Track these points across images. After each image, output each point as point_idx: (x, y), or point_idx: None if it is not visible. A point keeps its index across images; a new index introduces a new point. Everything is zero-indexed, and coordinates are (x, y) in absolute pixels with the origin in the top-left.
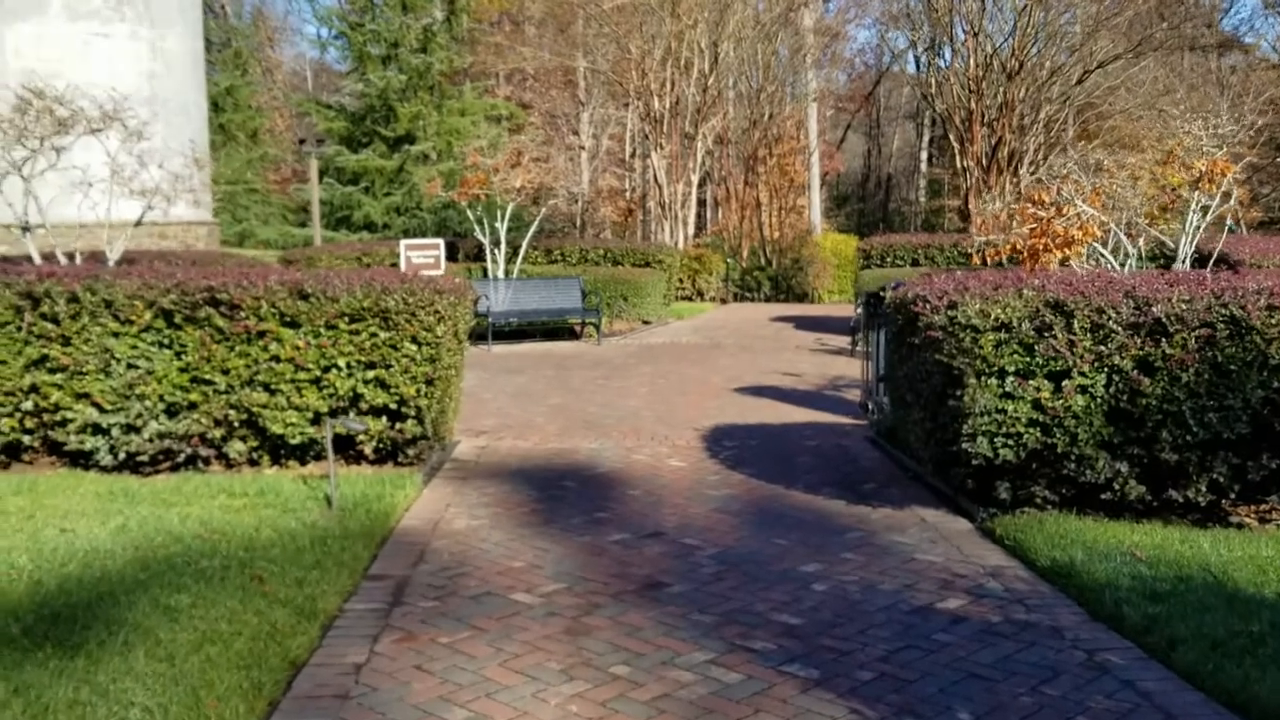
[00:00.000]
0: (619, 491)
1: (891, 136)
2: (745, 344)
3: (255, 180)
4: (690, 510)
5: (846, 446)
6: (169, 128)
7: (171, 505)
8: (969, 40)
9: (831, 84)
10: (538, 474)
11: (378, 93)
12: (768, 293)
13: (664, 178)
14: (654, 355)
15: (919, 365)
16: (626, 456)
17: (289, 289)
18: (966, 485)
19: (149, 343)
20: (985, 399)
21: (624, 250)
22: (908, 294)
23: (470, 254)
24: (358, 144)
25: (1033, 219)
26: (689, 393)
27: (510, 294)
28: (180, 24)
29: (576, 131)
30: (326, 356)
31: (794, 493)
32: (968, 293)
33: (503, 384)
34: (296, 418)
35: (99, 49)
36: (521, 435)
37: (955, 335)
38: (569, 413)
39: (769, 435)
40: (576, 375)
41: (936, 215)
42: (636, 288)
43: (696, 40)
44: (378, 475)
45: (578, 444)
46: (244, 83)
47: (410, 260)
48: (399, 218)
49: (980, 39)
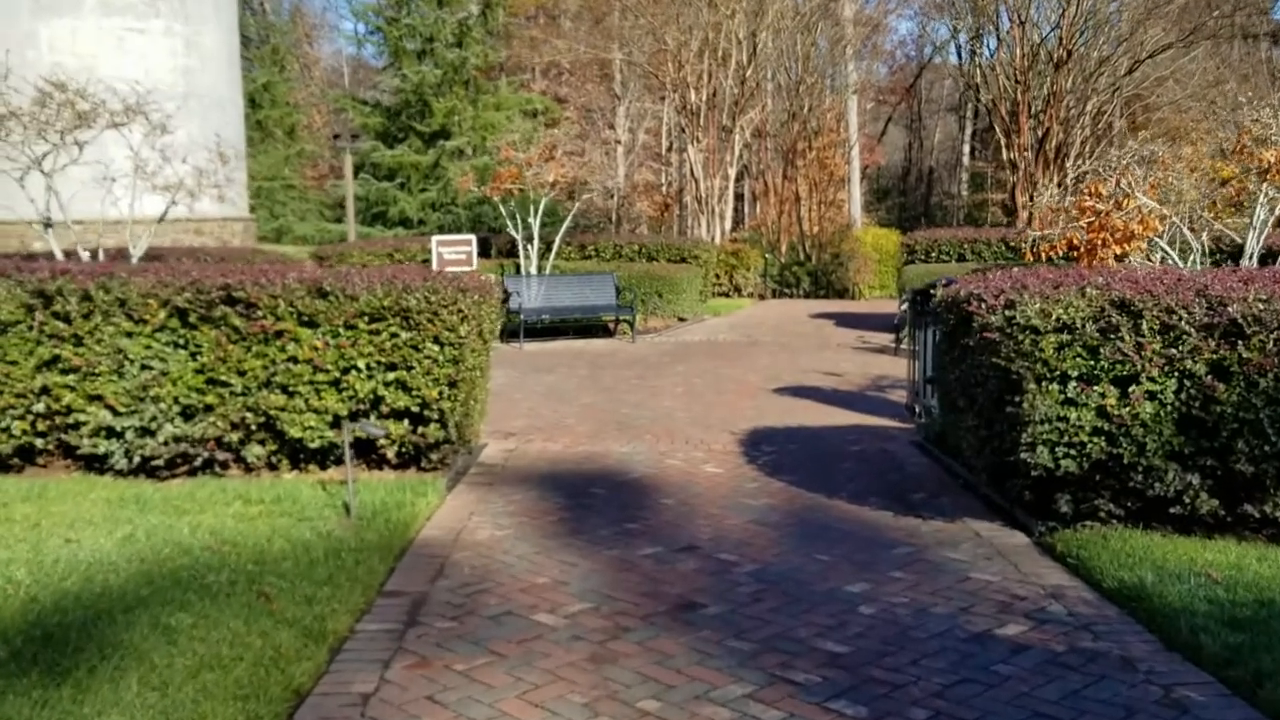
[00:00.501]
0: (651, 500)
1: (933, 129)
2: (784, 342)
3: (292, 176)
4: (726, 521)
5: (892, 451)
6: (204, 123)
7: (184, 513)
8: (1014, 30)
9: (872, 76)
10: (566, 479)
11: (413, 88)
12: (807, 289)
13: (700, 172)
14: (689, 353)
15: (973, 368)
16: (660, 461)
17: (307, 287)
18: (1024, 497)
19: (163, 343)
20: (1046, 406)
21: (659, 246)
22: (960, 292)
23: (503, 250)
24: (393, 139)
25: (1090, 213)
26: (726, 393)
27: (543, 290)
28: (215, 19)
29: (612, 125)
30: (346, 357)
31: (837, 502)
32: (1026, 291)
33: (534, 383)
34: (315, 421)
35: (133, 44)
36: (551, 437)
37: (1013, 337)
38: (601, 413)
39: (810, 439)
40: (609, 374)
41: (979, 209)
42: (672, 284)
43: (734, 31)
44: (399, 481)
45: (609, 447)
46: (281, 79)
47: (442, 256)
48: (434, 213)
49: (1026, 28)
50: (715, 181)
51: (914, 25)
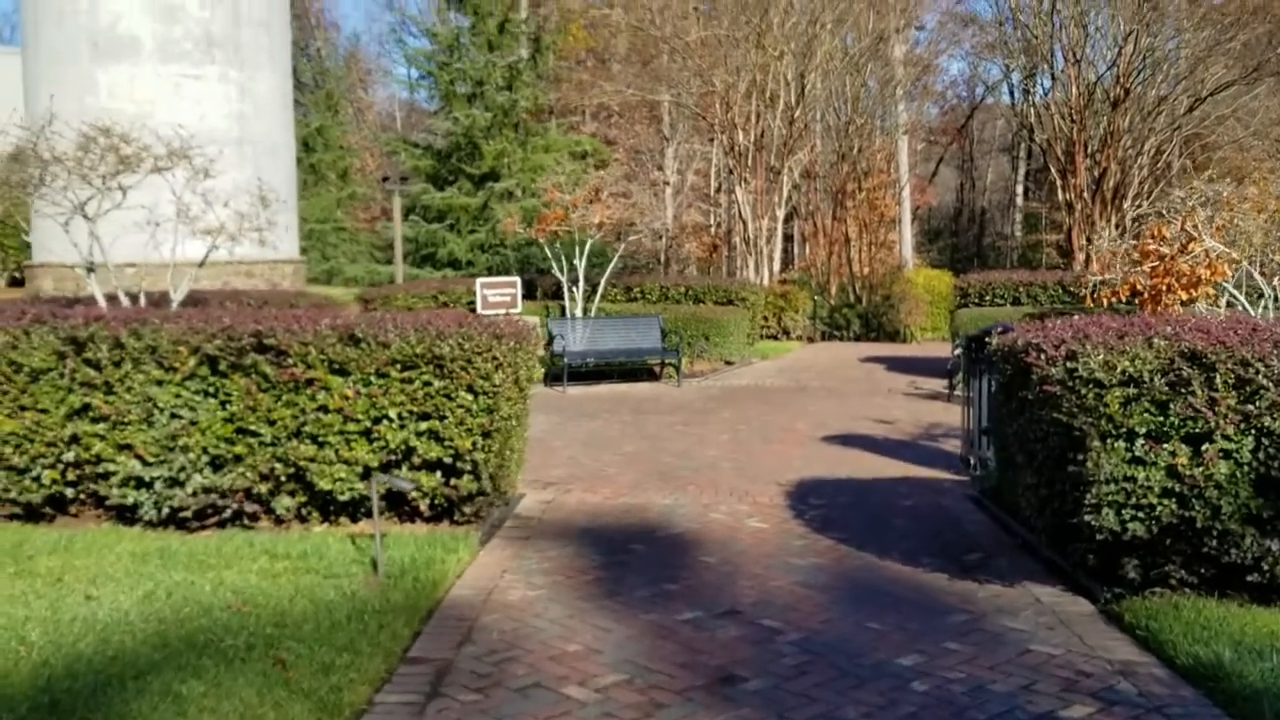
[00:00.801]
0: (692, 558)
1: (985, 170)
2: (833, 387)
3: (344, 219)
4: (771, 583)
5: (946, 507)
6: (257, 168)
7: (208, 569)
8: (1069, 69)
9: (922, 117)
10: (605, 534)
11: (463, 130)
12: (857, 331)
13: (749, 213)
14: (736, 399)
15: (1032, 423)
16: (702, 515)
17: (339, 334)
18: (1087, 561)
19: (193, 391)
20: (1111, 465)
21: (706, 287)
22: (1018, 341)
23: (549, 292)
24: (443, 182)
25: (1153, 256)
26: (772, 441)
27: (588, 333)
28: (269, 66)
29: (660, 167)
30: (377, 407)
31: (889, 563)
32: (1088, 341)
33: (575, 429)
34: (345, 472)
35: (189, 90)
36: (591, 488)
37: (1076, 391)
38: (643, 462)
39: (860, 492)
40: (653, 420)
41: (1033, 250)
42: (719, 327)
43: (783, 72)
44: (431, 535)
45: (651, 499)
46: (335, 123)
47: (487, 299)
48: (482, 255)
49: (1082, 66)
50: (763, 222)
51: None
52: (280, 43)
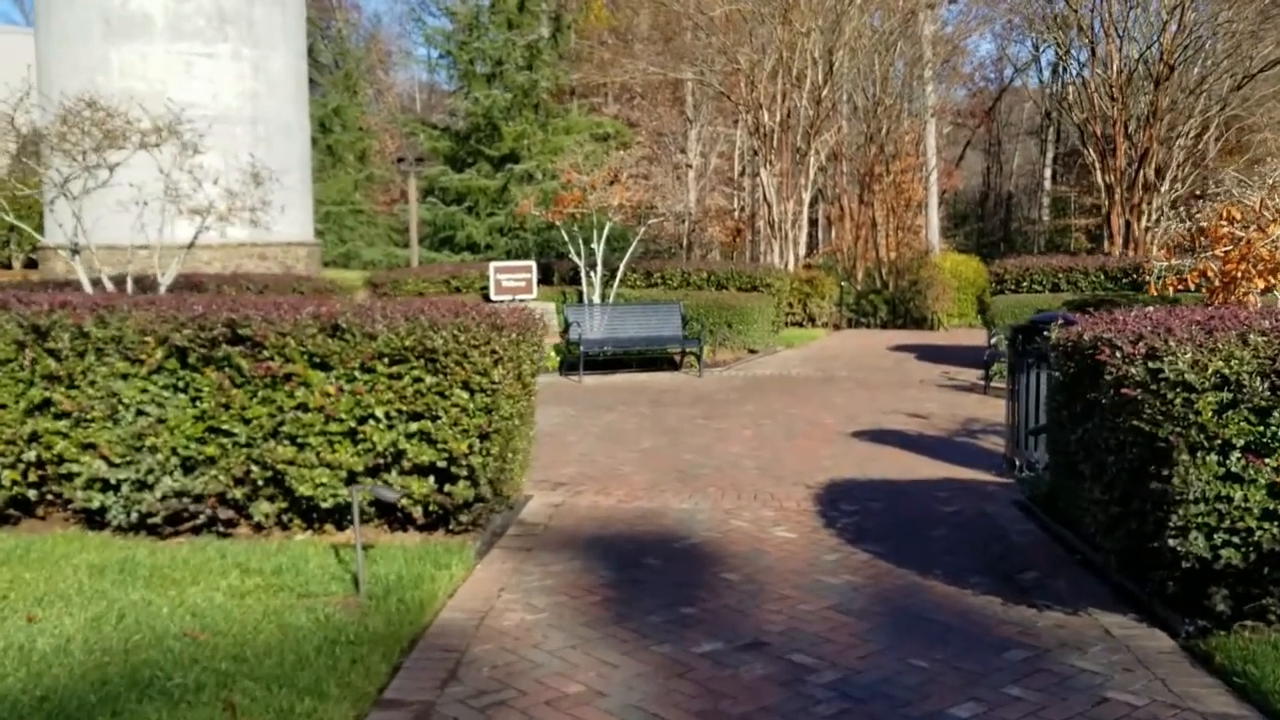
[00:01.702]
0: (712, 574)
1: (1012, 154)
2: (862, 377)
3: (361, 201)
4: (801, 607)
5: (992, 514)
6: (270, 148)
7: (171, 586)
8: (1109, 44)
9: (949, 100)
10: (616, 545)
11: (482, 111)
12: (884, 317)
13: (773, 195)
14: (760, 390)
15: (1103, 430)
16: (724, 522)
17: (320, 324)
18: (1166, 588)
19: (160, 386)
20: (1203, 481)
21: (729, 273)
22: (1085, 335)
23: (566, 277)
24: (462, 164)
25: (1227, 240)
26: (799, 436)
27: (606, 320)
28: (283, 45)
29: (684, 149)
30: (362, 405)
31: (933, 582)
32: (1173, 337)
33: (591, 422)
34: (328, 477)
35: (201, 69)
36: (604, 489)
37: (1161, 395)
38: (661, 460)
39: (895, 495)
40: (673, 413)
41: (1061, 235)
42: (742, 314)
43: (810, 50)
44: (424, 547)
45: (668, 502)
46: (354, 104)
47: (500, 284)
48: (501, 238)
49: (1124, 42)
50: (789, 205)
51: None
52: (295, 20)
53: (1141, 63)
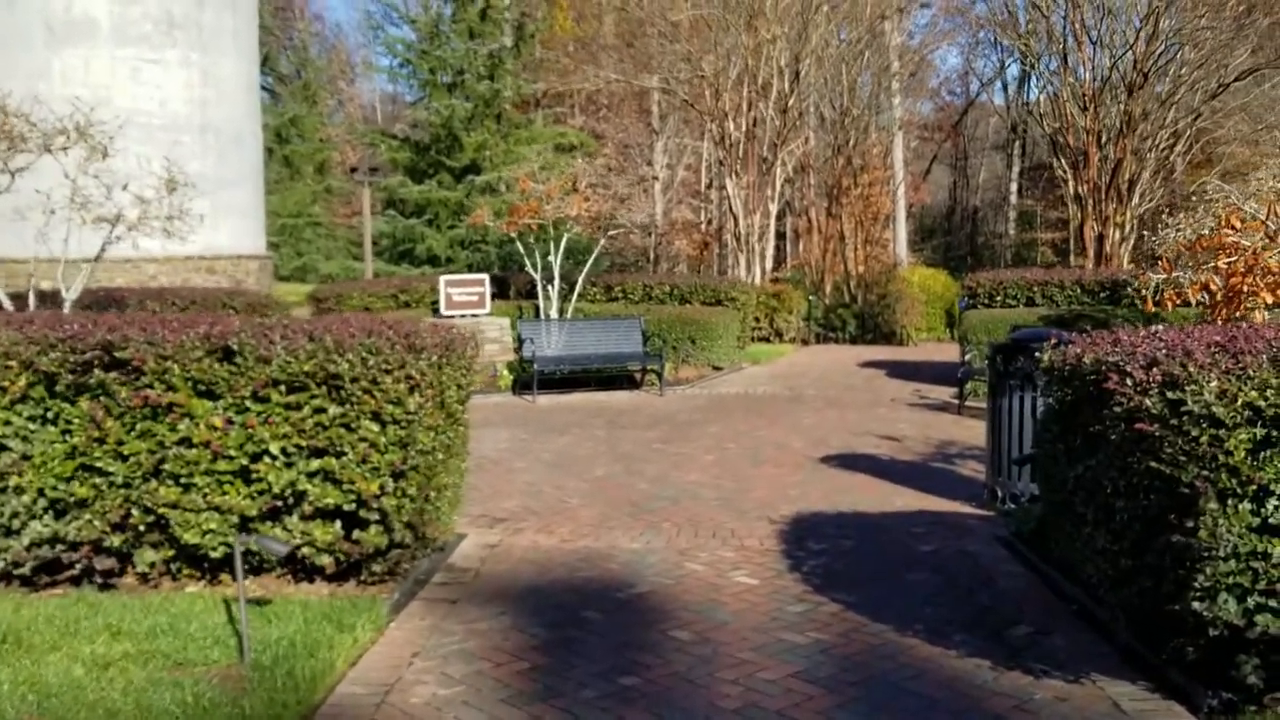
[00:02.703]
0: (660, 633)
1: (978, 168)
2: (831, 396)
3: (320, 213)
4: (761, 676)
5: (975, 554)
6: (220, 157)
7: (25, 653)
8: (1082, 52)
9: (916, 114)
10: (554, 595)
11: (443, 121)
12: (853, 332)
13: (739, 207)
14: (724, 410)
15: (1110, 470)
16: (677, 566)
17: (207, 346)
18: (1186, 653)
19: (25, 417)
20: (1234, 535)
21: (693, 286)
22: (1085, 358)
23: (523, 291)
24: (422, 175)
25: (1232, 250)
26: (764, 462)
27: (562, 336)
28: (234, 50)
29: (650, 161)
30: (255, 440)
31: (912, 641)
32: (1192, 362)
33: (541, 447)
34: (217, 522)
35: (148, 75)
36: (548, 526)
37: (1183, 431)
38: (613, 491)
39: (868, 531)
40: (630, 436)
41: (1028, 249)
42: (706, 329)
43: (775, 58)
44: (330, 601)
45: (617, 542)
46: (314, 114)
47: (451, 298)
48: (463, 251)
49: (1098, 49)
50: (755, 218)
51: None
52: (246, 25)
53: (1115, 71)
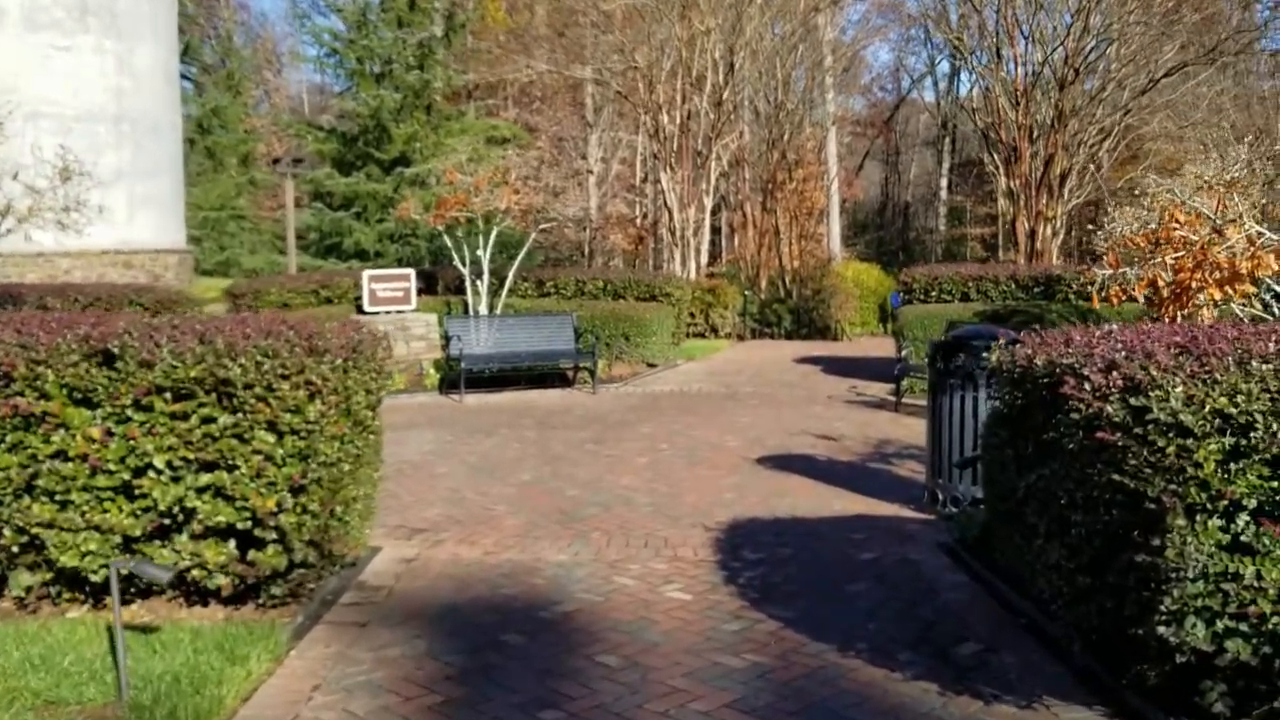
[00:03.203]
0: (586, 657)
1: (910, 164)
2: (767, 393)
3: (245, 206)
4: (693, 705)
5: (917, 562)
6: (138, 148)
7: None
8: (1013, 47)
9: (848, 110)
10: (473, 615)
11: (370, 112)
12: (788, 327)
13: (674, 201)
14: (658, 408)
15: (1067, 481)
16: (607, 580)
17: (85, 349)
18: (1147, 678)
19: None
20: (1204, 554)
21: (626, 281)
22: (1036, 359)
23: (451, 286)
24: (350, 167)
25: (1179, 245)
26: (699, 463)
27: (491, 333)
28: (151, 38)
29: (584, 155)
30: (138, 453)
31: (855, 662)
32: (1155, 365)
33: (467, 450)
34: (97, 543)
35: (59, 63)
36: (470, 536)
37: (1148, 441)
38: (541, 497)
39: (806, 538)
40: (560, 437)
41: (958, 244)
42: (640, 325)
43: (710, 50)
44: (225, 628)
45: (543, 554)
46: (238, 104)
47: (375, 294)
48: (392, 245)
49: (1030, 44)
50: (690, 212)
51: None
52: (164, 11)
53: (1046, 66)
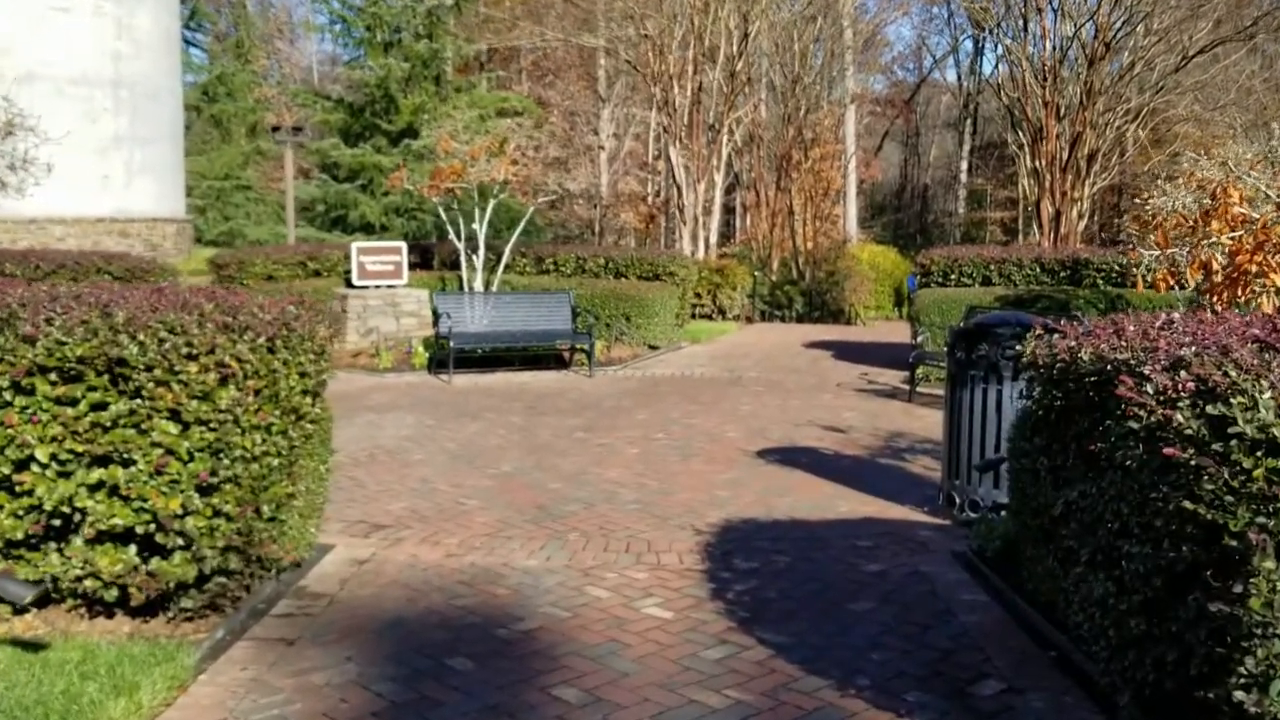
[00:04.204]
0: (540, 689)
1: (929, 146)
2: (774, 379)
3: (252, 177)
4: None
5: (930, 577)
6: (136, 114)
7: None
8: (1043, 20)
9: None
10: (421, 633)
11: (378, 81)
12: (800, 310)
13: (684, 177)
14: (656, 393)
15: (1119, 501)
16: (579, 591)
17: None
18: None
19: None
20: None
21: (629, 259)
22: (1082, 351)
23: (447, 261)
24: (356, 138)
25: (1239, 222)
26: (694, 456)
27: (485, 310)
28: (152, 1)
29: (596, 130)
30: (18, 443)
31: (854, 701)
32: (1234, 364)
33: (447, 436)
34: None
35: (56, 25)
36: (434, 534)
37: (1230, 461)
38: (519, 490)
39: (806, 545)
40: (549, 423)
41: (978, 228)
42: (642, 305)
43: (724, 19)
44: (122, 648)
45: (512, 557)
46: (245, 70)
47: (364, 267)
48: (398, 219)
49: (1059, 17)
50: (700, 189)
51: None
52: None
53: (1076, 41)
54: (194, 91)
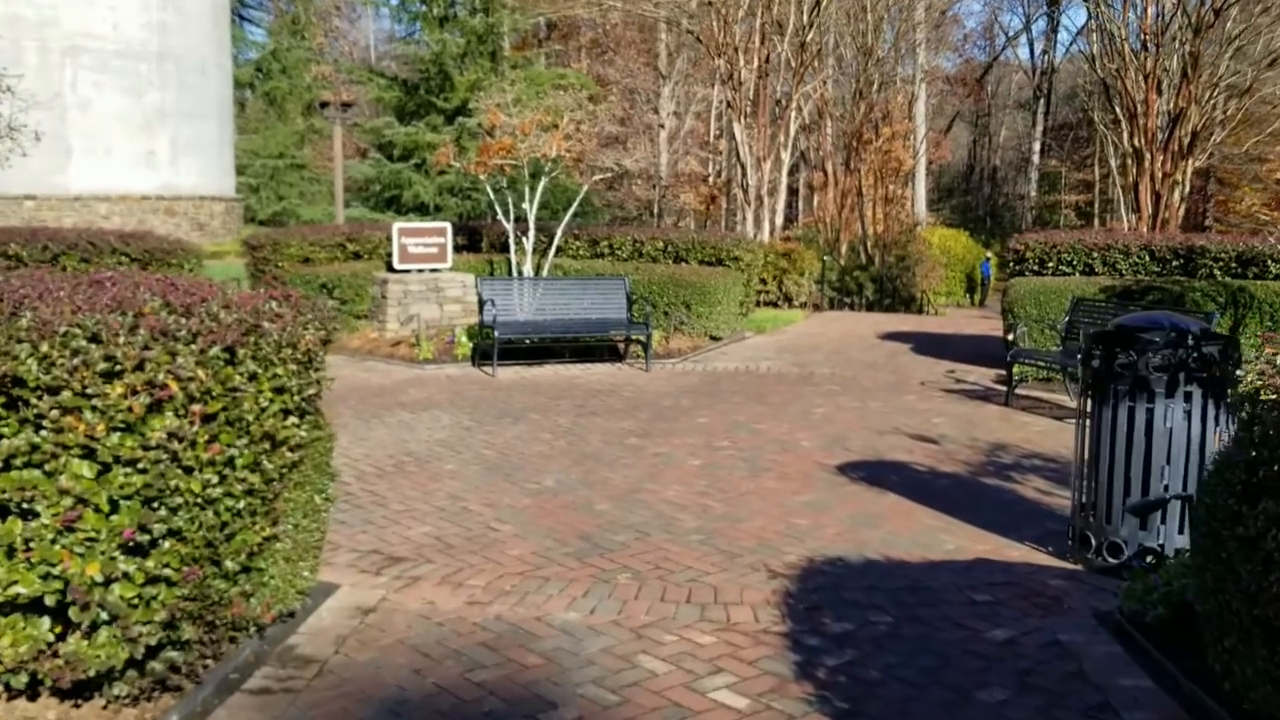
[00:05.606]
0: None
1: (999, 127)
2: (849, 376)
3: (308, 156)
4: None
5: (1073, 651)
6: (182, 88)
7: None
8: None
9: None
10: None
11: (433, 57)
12: (870, 297)
13: (748, 156)
14: (719, 391)
15: None
16: (627, 663)
17: None
18: None
19: None
20: None
21: (690, 243)
22: None
23: (496, 243)
24: (411, 116)
25: None
26: (765, 470)
27: (535, 298)
28: None
29: (656, 109)
30: None
31: None
32: None
33: (484, 440)
34: None
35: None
36: (457, 573)
37: None
38: (561, 512)
39: (909, 599)
40: (599, 426)
41: (1050, 211)
42: (703, 292)
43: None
44: None
45: (546, 608)
46: (300, 47)
47: (406, 250)
48: (452, 199)
49: None
50: (765, 168)
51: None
52: None
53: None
54: (247, 68)
